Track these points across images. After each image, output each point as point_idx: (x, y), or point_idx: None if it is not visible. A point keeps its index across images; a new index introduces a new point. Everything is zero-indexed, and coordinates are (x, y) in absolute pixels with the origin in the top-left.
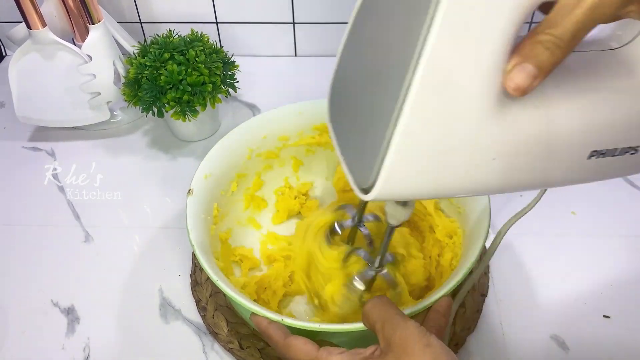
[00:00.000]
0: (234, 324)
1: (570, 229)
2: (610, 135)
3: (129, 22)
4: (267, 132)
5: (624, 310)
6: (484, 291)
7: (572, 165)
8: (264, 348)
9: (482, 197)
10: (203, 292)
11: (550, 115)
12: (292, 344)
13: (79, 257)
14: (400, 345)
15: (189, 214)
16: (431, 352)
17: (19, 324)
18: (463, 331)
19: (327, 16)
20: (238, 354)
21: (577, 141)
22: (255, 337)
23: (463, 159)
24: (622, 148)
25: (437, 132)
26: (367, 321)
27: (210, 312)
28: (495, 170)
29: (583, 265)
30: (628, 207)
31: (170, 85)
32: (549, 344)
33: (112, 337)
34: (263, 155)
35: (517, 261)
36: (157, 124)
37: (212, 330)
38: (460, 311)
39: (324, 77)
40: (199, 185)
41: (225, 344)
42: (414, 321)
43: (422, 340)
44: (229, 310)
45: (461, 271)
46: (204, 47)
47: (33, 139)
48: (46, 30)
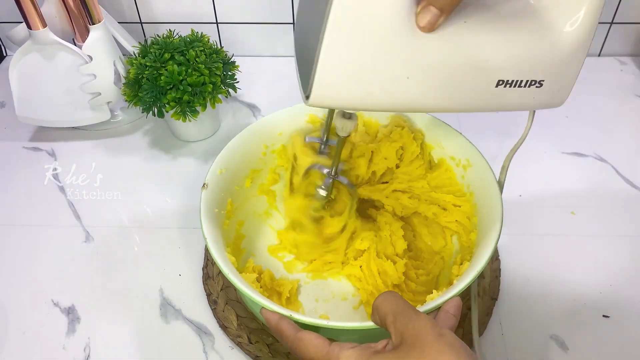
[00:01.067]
0: (243, 318)
1: (570, 229)
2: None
3: (130, 23)
4: (282, 129)
5: (623, 310)
6: (494, 294)
7: (481, 91)
8: (272, 343)
9: (494, 196)
10: (214, 285)
11: (458, 44)
12: (303, 339)
13: (79, 257)
14: (413, 337)
15: (202, 208)
16: (445, 341)
17: (19, 324)
18: (472, 334)
19: None
20: (247, 348)
21: (484, 69)
22: (264, 332)
23: (380, 74)
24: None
25: (356, 48)
26: (378, 314)
27: (220, 305)
28: (409, 88)
29: (583, 265)
30: (628, 207)
31: (170, 86)
32: (549, 344)
33: (112, 337)
34: (278, 152)
35: (517, 261)
36: (157, 124)
37: (221, 324)
38: (469, 314)
39: None
40: (213, 180)
41: (234, 338)
42: (425, 314)
43: (435, 330)
44: (240, 305)
45: (472, 273)
46: (204, 47)
47: (33, 139)
48: (46, 31)
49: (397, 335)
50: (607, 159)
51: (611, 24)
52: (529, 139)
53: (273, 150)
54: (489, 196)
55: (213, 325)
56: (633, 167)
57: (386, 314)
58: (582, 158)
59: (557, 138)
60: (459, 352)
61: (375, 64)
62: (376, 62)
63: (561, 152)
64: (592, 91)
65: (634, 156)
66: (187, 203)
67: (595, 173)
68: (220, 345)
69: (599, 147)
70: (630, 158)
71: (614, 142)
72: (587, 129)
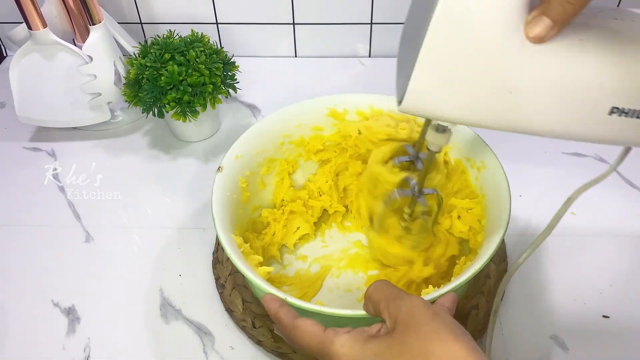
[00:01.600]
0: (249, 303)
1: (570, 229)
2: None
3: (130, 23)
4: (301, 121)
5: (623, 310)
6: (500, 294)
7: (591, 117)
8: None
9: (504, 200)
10: (223, 270)
11: (569, 62)
12: (299, 326)
13: (80, 257)
14: (407, 317)
15: (215, 190)
16: (440, 320)
17: (19, 324)
18: (474, 333)
19: (327, 17)
20: (250, 332)
21: (597, 93)
22: (268, 317)
23: (480, 85)
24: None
25: (456, 53)
26: (371, 302)
27: (227, 289)
28: (511, 104)
29: (583, 265)
30: (628, 207)
31: (170, 86)
32: (549, 344)
33: (112, 337)
34: (295, 143)
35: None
36: (158, 125)
37: (227, 307)
38: (472, 312)
39: (324, 77)
40: (229, 164)
41: (239, 322)
42: (418, 296)
43: (430, 310)
44: (246, 290)
45: (470, 270)
46: (205, 47)
47: (34, 140)
48: (47, 31)
49: (391, 319)
50: (607, 159)
51: None
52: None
53: (291, 141)
54: (499, 199)
55: (213, 326)
56: (633, 167)
57: (379, 300)
58: (582, 158)
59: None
60: (455, 330)
61: (476, 73)
62: (476, 70)
63: (561, 152)
64: None
65: (634, 156)
66: (187, 203)
67: (595, 173)
68: (220, 345)
69: (599, 147)
70: (630, 158)
71: None
72: None
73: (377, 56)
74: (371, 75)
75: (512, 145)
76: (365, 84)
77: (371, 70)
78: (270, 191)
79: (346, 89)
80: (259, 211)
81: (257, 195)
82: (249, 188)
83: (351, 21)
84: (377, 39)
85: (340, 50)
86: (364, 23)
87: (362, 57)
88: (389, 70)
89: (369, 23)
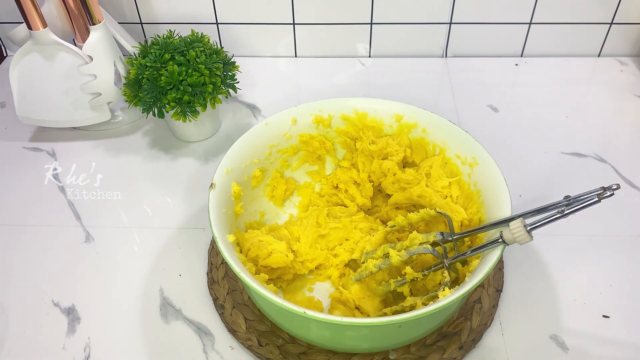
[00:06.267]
0: (252, 321)
1: (570, 229)
2: None
3: (130, 23)
4: (286, 130)
5: (623, 310)
6: (499, 286)
7: None
8: (282, 345)
9: (502, 193)
10: (220, 290)
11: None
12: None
13: (80, 257)
14: None
15: (211, 208)
16: None
17: (19, 324)
18: (480, 327)
19: (327, 17)
20: (257, 351)
21: None
22: (273, 334)
23: None
24: None
25: None
26: None
27: (228, 309)
28: None
29: (583, 265)
30: (628, 207)
31: (170, 86)
32: (549, 344)
33: (112, 337)
34: (283, 152)
35: (517, 261)
36: (158, 125)
37: (230, 328)
38: (476, 307)
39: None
40: (220, 180)
41: (244, 341)
42: None
43: None
44: (247, 308)
45: (484, 269)
46: (205, 47)
47: (34, 139)
48: (47, 31)
49: None
50: (607, 159)
51: (611, 24)
52: (529, 139)
53: (278, 150)
54: (497, 193)
55: (213, 326)
56: (633, 167)
57: None
58: (582, 158)
59: (557, 138)
60: None
61: None
62: None
63: (561, 152)
64: (592, 91)
65: (634, 156)
66: (187, 203)
67: (595, 173)
68: (220, 345)
69: (599, 147)
70: (630, 158)
71: (614, 142)
72: (587, 129)
73: (377, 56)
74: (371, 75)
75: (512, 145)
76: (365, 84)
77: (371, 70)
78: (262, 201)
79: (346, 88)
80: (253, 224)
81: (250, 208)
82: (242, 201)
83: (351, 21)
84: (377, 39)
85: (340, 50)
86: (364, 23)
87: (362, 57)
88: (389, 70)
89: (369, 23)
